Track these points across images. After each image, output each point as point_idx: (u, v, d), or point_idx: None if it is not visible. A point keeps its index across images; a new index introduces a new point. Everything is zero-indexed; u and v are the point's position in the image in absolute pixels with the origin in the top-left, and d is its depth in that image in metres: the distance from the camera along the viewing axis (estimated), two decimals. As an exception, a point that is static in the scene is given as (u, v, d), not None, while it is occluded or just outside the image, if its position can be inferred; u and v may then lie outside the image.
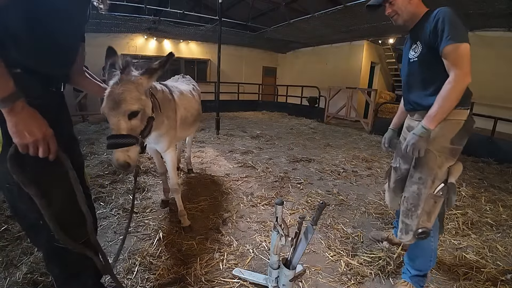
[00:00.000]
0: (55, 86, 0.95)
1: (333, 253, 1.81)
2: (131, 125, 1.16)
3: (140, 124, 1.21)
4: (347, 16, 5.88)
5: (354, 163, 3.83)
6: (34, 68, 0.84)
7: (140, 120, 1.21)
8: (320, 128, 6.70)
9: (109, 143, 1.12)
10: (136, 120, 1.18)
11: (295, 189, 2.85)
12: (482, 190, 2.94)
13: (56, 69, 0.94)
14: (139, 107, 1.17)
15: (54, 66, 0.91)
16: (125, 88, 1.14)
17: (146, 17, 6.70)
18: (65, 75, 1.03)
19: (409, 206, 1.33)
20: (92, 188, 2.55)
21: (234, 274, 1.55)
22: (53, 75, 0.93)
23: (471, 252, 1.86)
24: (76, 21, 0.97)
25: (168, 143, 1.87)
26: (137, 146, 1.19)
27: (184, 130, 2.15)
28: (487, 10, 4.58)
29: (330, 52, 9.55)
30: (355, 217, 2.33)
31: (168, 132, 1.82)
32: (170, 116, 1.79)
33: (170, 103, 1.82)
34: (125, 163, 1.12)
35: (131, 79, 1.18)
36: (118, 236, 1.89)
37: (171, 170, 1.98)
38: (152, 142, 1.84)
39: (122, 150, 1.12)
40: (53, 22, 0.86)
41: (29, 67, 0.83)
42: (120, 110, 1.12)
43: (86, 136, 4.74)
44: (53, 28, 0.87)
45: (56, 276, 1.02)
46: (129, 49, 8.56)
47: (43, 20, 0.83)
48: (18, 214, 0.91)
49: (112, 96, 1.12)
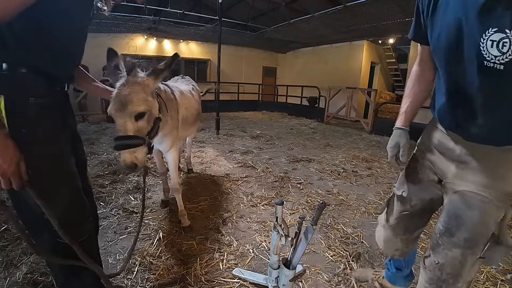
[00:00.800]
0: (60, 85, 0.97)
1: (333, 253, 1.81)
2: (138, 126, 1.17)
3: (147, 125, 1.22)
4: (347, 16, 5.88)
5: (354, 163, 3.83)
6: (39, 68, 0.85)
7: (147, 121, 1.21)
8: (320, 128, 6.70)
9: (116, 144, 1.13)
10: (143, 121, 1.19)
11: (295, 189, 2.85)
12: (482, 190, 2.94)
13: (61, 69, 0.94)
14: (145, 108, 1.18)
15: (58, 66, 0.92)
16: (132, 90, 1.15)
17: (146, 17, 6.70)
18: (69, 75, 1.04)
19: (444, 276, 0.88)
20: (92, 188, 2.55)
21: (234, 274, 1.56)
22: (58, 75, 0.94)
23: (471, 252, 1.86)
24: (79, 22, 0.98)
25: (171, 143, 1.88)
26: (144, 147, 1.19)
27: (185, 129, 2.16)
28: (487, 10, 4.58)
29: (330, 52, 9.56)
30: (355, 217, 2.33)
31: (171, 131, 1.83)
32: (173, 116, 1.80)
33: (173, 103, 1.83)
34: (132, 164, 1.13)
35: (138, 81, 1.18)
36: (118, 236, 1.89)
37: (172, 170, 1.98)
38: (157, 142, 1.84)
39: (129, 151, 1.13)
40: (58, 23, 0.87)
41: (34, 67, 0.83)
42: (127, 111, 1.12)
43: (86, 136, 4.74)
44: (58, 29, 0.88)
45: (57, 274, 1.03)
46: (129, 49, 8.57)
47: (48, 21, 0.84)
48: (20, 210, 0.92)
49: (119, 98, 1.13)
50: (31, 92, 0.83)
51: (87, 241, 1.01)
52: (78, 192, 1.00)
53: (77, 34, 1.00)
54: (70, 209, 0.95)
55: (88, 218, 1.04)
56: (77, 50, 1.03)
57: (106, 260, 1.63)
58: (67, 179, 0.95)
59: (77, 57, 1.05)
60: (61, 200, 0.92)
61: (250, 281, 1.50)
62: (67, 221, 0.91)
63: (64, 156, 0.95)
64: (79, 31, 1.00)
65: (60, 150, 0.94)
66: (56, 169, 0.92)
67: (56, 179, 0.92)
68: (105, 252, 1.71)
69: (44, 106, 0.86)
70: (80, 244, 0.94)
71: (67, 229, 0.90)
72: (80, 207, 1.00)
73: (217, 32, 5.18)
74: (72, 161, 1.00)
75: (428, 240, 2.02)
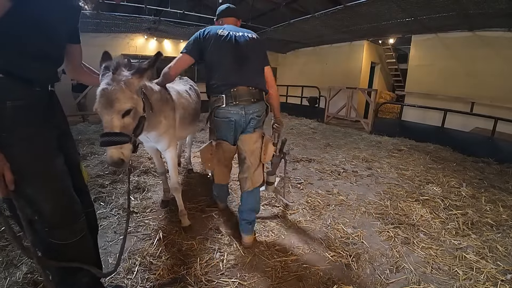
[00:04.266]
0: (39, 86, 0.97)
1: (333, 253, 1.81)
2: (124, 123, 1.20)
3: (133, 122, 1.25)
4: (347, 16, 5.87)
5: (354, 163, 3.83)
6: (13, 72, 0.86)
7: (133, 118, 1.25)
8: (320, 128, 6.69)
9: (103, 141, 1.15)
10: (128, 118, 1.22)
11: (295, 189, 2.85)
12: (482, 190, 2.94)
13: (38, 72, 0.95)
14: (131, 105, 1.21)
15: (35, 69, 0.93)
16: (118, 87, 1.17)
17: (146, 17, 6.68)
18: (49, 76, 1.04)
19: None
20: (92, 188, 2.55)
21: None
22: (35, 77, 0.94)
23: (471, 252, 1.86)
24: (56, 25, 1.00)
25: (169, 142, 1.90)
26: (130, 144, 1.22)
27: (184, 129, 2.17)
28: (487, 10, 4.57)
29: (330, 52, 9.54)
30: (355, 217, 2.33)
31: (168, 131, 1.84)
32: (168, 116, 1.82)
33: (168, 102, 1.86)
34: (119, 160, 1.16)
35: (123, 79, 1.21)
36: (118, 236, 1.89)
37: (171, 169, 1.99)
38: (153, 141, 1.88)
39: (116, 148, 1.15)
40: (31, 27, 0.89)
41: (10, 72, 0.85)
42: (113, 108, 1.15)
43: (86, 136, 4.73)
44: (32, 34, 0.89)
45: (53, 273, 1.03)
46: (129, 49, 8.55)
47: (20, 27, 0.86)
48: (14, 210, 0.92)
49: (105, 95, 1.15)
50: (8, 95, 0.84)
51: (80, 241, 1.00)
52: (65, 192, 0.99)
53: (55, 36, 1.00)
54: (56, 209, 0.94)
55: (79, 218, 1.03)
56: (56, 52, 1.04)
57: (106, 260, 1.63)
58: (50, 179, 0.95)
59: (57, 59, 1.07)
60: (45, 200, 0.92)
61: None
62: (55, 222, 0.91)
63: (46, 156, 0.95)
64: (57, 37, 1.02)
65: (42, 150, 0.94)
66: (38, 169, 0.92)
67: (38, 180, 0.91)
68: (105, 252, 1.71)
69: (22, 108, 0.87)
70: (73, 244, 0.93)
71: (57, 230, 0.90)
72: (67, 207, 0.99)
73: (217, 32, 5.17)
74: (58, 161, 0.99)
75: (428, 240, 2.02)
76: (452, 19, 5.26)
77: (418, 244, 1.95)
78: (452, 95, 6.15)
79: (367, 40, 8.33)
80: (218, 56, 1.69)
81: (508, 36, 5.42)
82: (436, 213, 2.40)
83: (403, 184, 3.07)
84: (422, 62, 6.94)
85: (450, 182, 3.10)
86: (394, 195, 2.78)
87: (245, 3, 7.29)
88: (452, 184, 3.05)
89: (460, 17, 5.12)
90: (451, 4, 4.58)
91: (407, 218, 2.32)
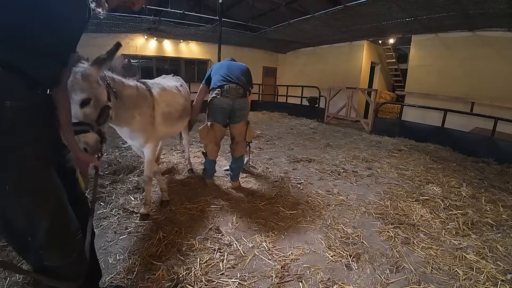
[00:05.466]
0: (41, 89, 0.89)
1: (333, 253, 1.81)
2: (84, 113, 1.25)
3: (94, 112, 1.30)
4: (347, 16, 5.88)
5: (354, 163, 3.83)
6: (18, 67, 0.78)
7: (93, 108, 1.29)
8: (320, 128, 6.69)
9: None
10: (88, 108, 1.27)
11: (295, 189, 2.85)
12: (482, 190, 2.94)
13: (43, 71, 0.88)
14: (88, 95, 1.25)
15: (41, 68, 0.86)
16: (74, 79, 1.21)
17: (146, 17, 6.69)
18: (53, 79, 0.96)
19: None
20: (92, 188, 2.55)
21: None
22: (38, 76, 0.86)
23: (471, 252, 1.86)
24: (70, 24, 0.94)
25: (145, 139, 1.97)
26: (93, 133, 1.27)
27: (170, 125, 2.22)
28: (487, 10, 4.58)
29: (330, 52, 9.54)
30: (355, 217, 2.33)
31: (145, 128, 1.92)
32: (144, 113, 1.89)
33: (146, 99, 1.92)
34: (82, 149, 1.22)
35: (80, 70, 1.24)
36: (118, 236, 1.89)
37: (147, 162, 2.08)
38: (128, 137, 1.97)
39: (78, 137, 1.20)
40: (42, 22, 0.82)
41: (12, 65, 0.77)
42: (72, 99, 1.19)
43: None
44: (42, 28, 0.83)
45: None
46: (129, 49, 8.56)
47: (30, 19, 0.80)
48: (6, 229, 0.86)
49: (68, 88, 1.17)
50: (8, 94, 0.77)
51: (77, 258, 0.95)
52: (62, 208, 0.92)
53: (67, 36, 0.94)
54: (51, 228, 0.87)
55: (75, 235, 0.96)
56: (66, 51, 0.98)
57: (106, 260, 1.63)
58: (48, 194, 0.87)
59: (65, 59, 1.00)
60: (41, 219, 0.84)
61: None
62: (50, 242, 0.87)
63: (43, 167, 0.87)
64: (69, 33, 0.95)
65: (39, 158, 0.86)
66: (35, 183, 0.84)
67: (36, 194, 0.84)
68: (105, 252, 1.71)
69: (22, 110, 0.80)
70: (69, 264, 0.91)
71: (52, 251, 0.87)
72: (64, 224, 0.92)
73: (217, 32, 5.19)
74: (53, 173, 0.91)
75: (428, 240, 2.02)
76: (452, 19, 5.26)
77: (418, 244, 1.95)
78: (452, 95, 6.15)
79: (367, 40, 8.33)
80: (216, 69, 2.61)
81: (508, 36, 5.43)
82: (436, 213, 2.40)
83: (403, 184, 3.07)
84: (422, 62, 6.94)
85: (450, 182, 3.10)
86: (394, 195, 2.78)
87: (245, 3, 7.30)
88: (452, 184, 3.05)
89: (460, 17, 5.12)
90: (451, 4, 4.58)
91: (407, 218, 2.32)
